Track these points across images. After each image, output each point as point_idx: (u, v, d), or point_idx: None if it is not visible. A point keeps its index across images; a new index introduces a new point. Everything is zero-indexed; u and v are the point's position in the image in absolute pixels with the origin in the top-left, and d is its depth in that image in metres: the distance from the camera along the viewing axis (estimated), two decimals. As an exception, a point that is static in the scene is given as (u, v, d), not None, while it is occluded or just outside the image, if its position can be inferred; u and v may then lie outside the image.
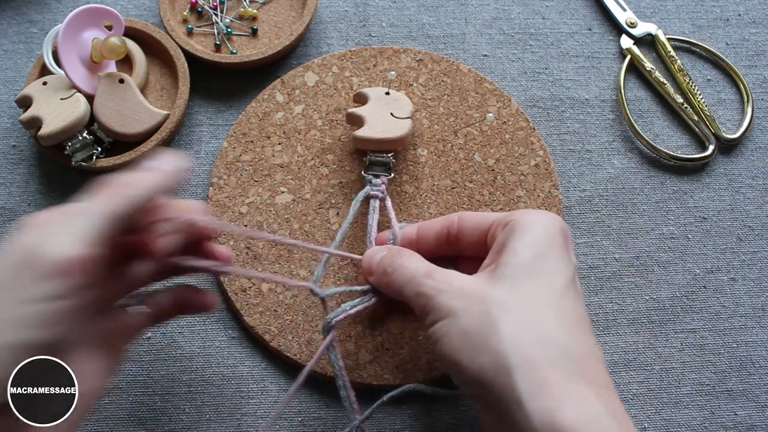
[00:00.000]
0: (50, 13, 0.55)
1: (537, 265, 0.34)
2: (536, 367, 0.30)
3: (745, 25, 0.56)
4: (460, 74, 0.52)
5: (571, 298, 0.34)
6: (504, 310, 0.32)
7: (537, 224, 0.36)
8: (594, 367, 0.32)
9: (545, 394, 0.29)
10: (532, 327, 0.32)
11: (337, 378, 0.41)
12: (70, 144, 0.47)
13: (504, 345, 0.31)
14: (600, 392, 0.31)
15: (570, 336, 0.32)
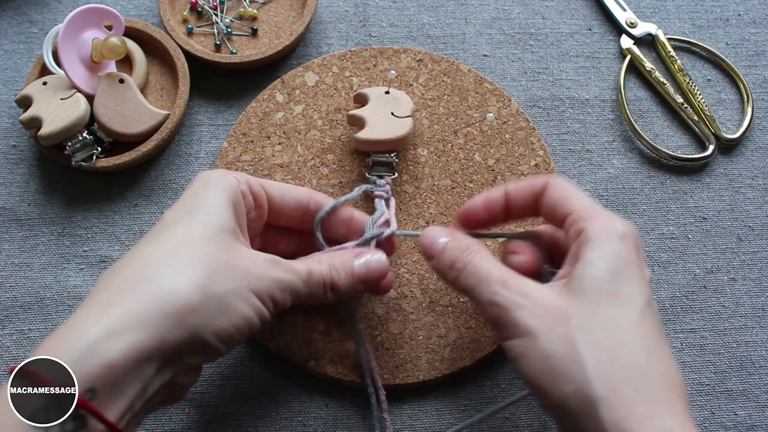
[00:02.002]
0: (50, 13, 0.55)
1: (615, 283, 0.33)
2: (622, 399, 0.30)
3: (745, 25, 0.56)
4: (460, 74, 0.52)
5: (650, 319, 0.33)
6: (587, 335, 0.32)
7: (612, 235, 0.34)
8: (676, 394, 0.31)
9: (632, 428, 0.29)
10: (616, 355, 0.31)
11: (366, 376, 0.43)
12: (70, 144, 0.47)
13: (589, 375, 0.30)
14: (683, 420, 0.30)
15: (653, 363, 0.31)
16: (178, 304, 0.31)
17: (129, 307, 0.30)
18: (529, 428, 0.44)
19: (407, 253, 0.47)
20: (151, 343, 0.30)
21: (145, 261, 0.33)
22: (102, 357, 0.29)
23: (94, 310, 0.31)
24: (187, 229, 0.34)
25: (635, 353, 0.31)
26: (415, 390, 0.45)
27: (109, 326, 0.29)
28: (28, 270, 0.48)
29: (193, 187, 0.37)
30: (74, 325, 0.30)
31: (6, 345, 0.46)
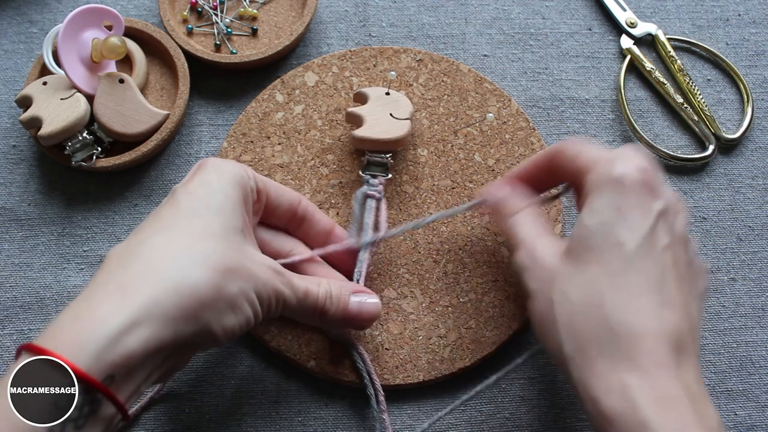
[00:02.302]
0: (50, 13, 0.55)
1: (602, 236, 0.34)
2: (586, 357, 0.32)
3: (745, 25, 0.56)
4: (460, 74, 0.52)
5: (637, 266, 0.33)
6: (562, 296, 0.34)
7: (605, 183, 0.35)
8: (647, 346, 0.31)
9: (592, 386, 0.31)
10: (586, 315, 0.33)
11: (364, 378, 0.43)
12: (70, 144, 0.47)
13: (561, 336, 0.33)
14: (646, 376, 0.31)
15: (624, 316, 0.32)
16: (196, 299, 0.32)
17: (150, 296, 0.31)
18: (529, 428, 0.44)
19: (407, 253, 0.47)
20: (167, 336, 0.31)
21: (164, 249, 0.33)
22: (123, 348, 0.29)
23: (114, 295, 0.31)
24: (205, 225, 0.35)
25: (606, 308, 0.32)
26: (415, 390, 0.45)
27: (131, 316, 0.30)
28: (28, 270, 0.48)
29: (209, 175, 0.37)
30: (94, 309, 0.31)
31: (6, 345, 0.46)
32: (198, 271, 0.33)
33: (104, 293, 0.31)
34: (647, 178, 0.35)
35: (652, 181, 0.35)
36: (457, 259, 0.47)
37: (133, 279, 0.32)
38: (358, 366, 0.43)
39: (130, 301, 0.31)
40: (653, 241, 0.34)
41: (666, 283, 0.33)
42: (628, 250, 0.33)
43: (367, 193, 0.45)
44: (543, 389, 0.45)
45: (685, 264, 0.35)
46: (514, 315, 0.45)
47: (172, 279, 0.32)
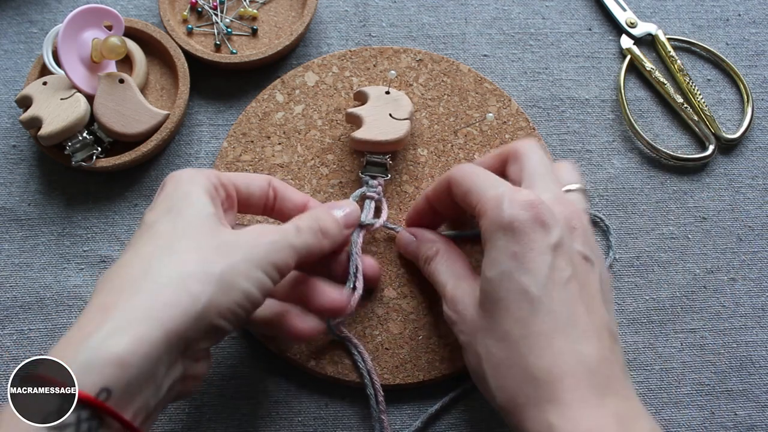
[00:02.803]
0: (50, 13, 0.55)
1: (505, 286, 0.34)
2: (515, 406, 0.33)
3: (745, 25, 0.56)
4: (460, 74, 0.52)
5: (545, 307, 0.33)
6: (487, 351, 0.35)
7: (497, 232, 0.35)
8: (567, 384, 0.32)
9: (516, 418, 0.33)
10: (509, 367, 0.34)
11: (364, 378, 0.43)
12: (70, 144, 0.47)
13: (491, 389, 0.35)
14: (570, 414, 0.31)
15: (541, 360, 0.32)
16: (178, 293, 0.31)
17: (130, 304, 0.30)
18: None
19: (407, 253, 0.47)
20: (156, 333, 0.30)
21: (139, 259, 0.33)
22: (109, 354, 0.28)
23: (96, 314, 0.31)
24: (173, 224, 0.34)
25: (525, 358, 0.33)
26: (415, 390, 0.45)
27: (113, 325, 0.29)
28: (28, 270, 0.48)
29: (167, 190, 0.37)
30: (78, 330, 0.30)
31: (6, 345, 0.46)
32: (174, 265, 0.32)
33: (88, 317, 0.31)
34: (535, 214, 0.34)
35: (542, 216, 0.34)
36: (457, 259, 0.47)
37: (114, 295, 0.31)
38: (358, 365, 0.43)
39: (112, 314, 0.30)
40: (555, 278, 0.34)
41: (576, 316, 0.33)
42: (533, 296, 0.33)
43: (365, 195, 0.46)
44: (543, 389, 0.45)
45: (594, 281, 0.35)
46: (514, 315, 0.45)
47: (149, 281, 0.31)
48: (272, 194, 0.42)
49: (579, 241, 0.36)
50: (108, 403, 0.28)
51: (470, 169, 0.39)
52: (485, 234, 0.36)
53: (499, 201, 0.35)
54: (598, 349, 0.33)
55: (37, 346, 0.46)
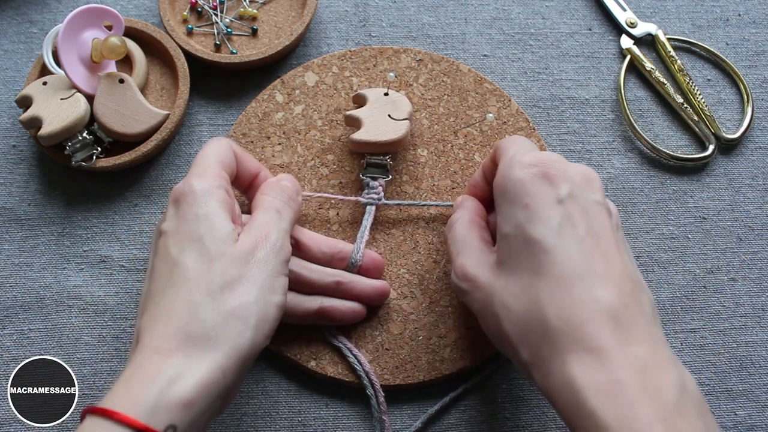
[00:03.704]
0: (50, 13, 0.55)
1: (521, 239, 0.34)
2: (541, 359, 0.33)
3: (745, 25, 0.56)
4: (460, 74, 0.52)
5: (562, 255, 0.33)
6: (505, 310, 0.35)
7: (507, 185, 0.36)
8: (587, 333, 0.32)
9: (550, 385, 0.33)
10: (530, 319, 0.33)
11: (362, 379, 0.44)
12: (70, 144, 0.47)
13: (516, 346, 0.34)
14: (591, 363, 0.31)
15: (561, 311, 0.32)
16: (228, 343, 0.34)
17: (186, 351, 0.33)
18: (529, 428, 0.44)
19: (407, 253, 0.47)
20: (216, 375, 0.32)
21: (181, 301, 0.34)
22: (176, 397, 0.31)
23: (154, 356, 0.33)
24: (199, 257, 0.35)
25: (545, 310, 0.33)
26: (415, 390, 0.45)
27: (175, 370, 0.32)
28: (28, 270, 0.48)
29: (183, 210, 0.37)
30: (138, 371, 0.32)
31: (6, 345, 0.46)
32: (213, 312, 0.34)
33: (144, 358, 0.33)
34: (543, 169, 0.35)
35: (550, 170, 0.35)
36: (457, 259, 0.47)
37: (166, 340, 0.33)
38: (355, 368, 0.44)
39: (171, 360, 0.32)
40: (569, 228, 0.34)
41: (593, 264, 0.33)
42: (547, 245, 0.33)
43: (364, 202, 0.46)
44: (543, 389, 0.45)
45: (608, 230, 0.35)
46: (514, 315, 0.45)
47: (194, 332, 0.33)
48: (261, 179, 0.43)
49: (596, 192, 0.36)
50: None
51: (512, 138, 0.40)
52: (497, 193, 0.37)
53: (511, 159, 0.36)
54: (618, 295, 0.33)
55: (37, 346, 0.46)
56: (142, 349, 0.33)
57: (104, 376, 0.45)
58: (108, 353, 0.46)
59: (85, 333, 0.46)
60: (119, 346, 0.46)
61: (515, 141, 0.40)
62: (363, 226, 0.46)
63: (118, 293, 0.47)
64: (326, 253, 0.44)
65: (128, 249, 0.48)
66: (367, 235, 0.46)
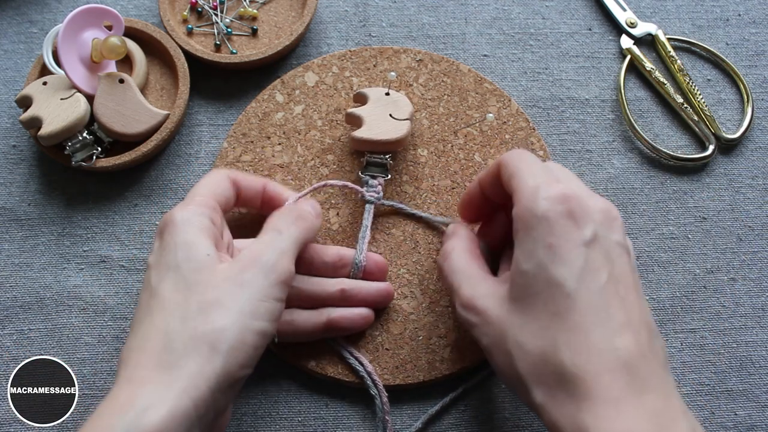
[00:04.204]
0: (50, 13, 0.55)
1: (542, 279, 0.33)
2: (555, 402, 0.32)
3: (745, 25, 0.56)
4: (460, 74, 0.52)
5: (582, 301, 0.33)
6: (521, 350, 0.34)
7: (532, 221, 0.34)
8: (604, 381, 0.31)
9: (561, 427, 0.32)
10: (545, 362, 0.33)
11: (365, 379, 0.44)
12: (70, 144, 0.47)
13: (529, 386, 0.34)
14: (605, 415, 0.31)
15: (579, 357, 0.32)
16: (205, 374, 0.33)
17: (157, 380, 0.32)
18: (529, 428, 0.44)
19: (407, 253, 0.47)
20: (186, 403, 0.32)
21: (155, 331, 0.34)
22: (146, 427, 0.30)
23: (126, 387, 0.32)
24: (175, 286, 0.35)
25: (563, 353, 0.32)
26: (415, 390, 0.45)
27: (145, 401, 0.31)
28: (28, 270, 0.48)
29: (164, 240, 0.37)
30: (111, 402, 0.32)
31: (6, 345, 0.46)
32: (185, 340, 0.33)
33: (119, 390, 0.33)
34: (570, 207, 0.34)
35: (576, 209, 0.34)
36: (457, 259, 0.47)
37: (140, 371, 0.33)
38: (357, 369, 0.44)
39: (142, 390, 0.32)
40: (592, 273, 0.33)
41: (612, 311, 0.33)
42: (569, 289, 0.33)
43: (365, 199, 0.46)
44: (543, 389, 0.45)
45: (630, 273, 0.35)
46: (514, 315, 0.45)
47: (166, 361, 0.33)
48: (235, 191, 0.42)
49: (618, 232, 0.35)
50: None
51: (519, 154, 0.38)
52: (518, 224, 0.35)
53: (535, 192, 0.35)
54: (635, 344, 0.32)
55: (37, 346, 0.46)
56: (118, 380, 0.33)
57: (104, 376, 0.45)
58: (108, 353, 0.46)
59: (85, 333, 0.46)
60: (119, 346, 0.46)
61: (524, 159, 0.38)
62: (364, 226, 0.46)
63: (118, 293, 0.47)
64: (328, 263, 0.44)
65: (128, 249, 0.48)
66: (368, 235, 0.45)
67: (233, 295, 0.35)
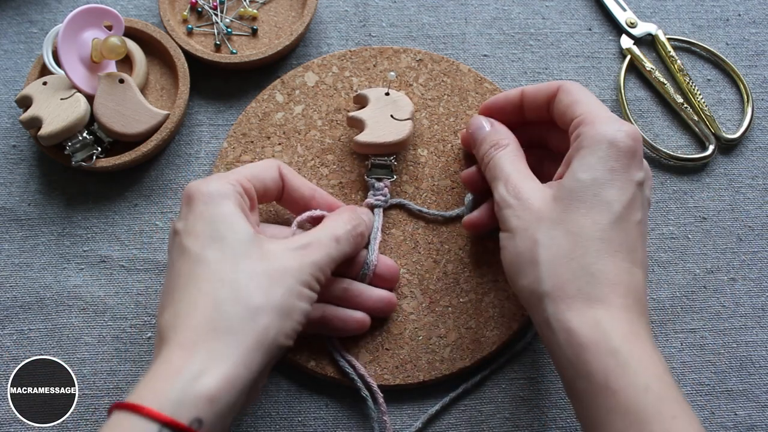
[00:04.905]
0: (50, 13, 0.55)
1: (593, 191, 0.36)
2: (564, 295, 0.35)
3: (745, 25, 0.56)
4: (460, 74, 0.52)
5: (623, 226, 0.36)
6: (550, 239, 0.36)
7: (602, 143, 0.36)
8: (619, 292, 0.35)
9: (568, 318, 0.34)
10: (570, 259, 0.35)
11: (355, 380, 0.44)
12: (70, 144, 0.47)
13: (541, 273, 0.36)
14: (617, 315, 0.34)
15: (605, 267, 0.35)
16: (250, 334, 0.34)
17: (211, 344, 0.33)
18: (529, 428, 0.44)
19: (407, 253, 0.47)
20: (240, 370, 0.33)
21: (205, 297, 0.35)
22: (200, 392, 0.31)
23: (179, 352, 0.33)
24: (222, 254, 0.36)
25: (589, 256, 0.35)
26: (415, 390, 0.45)
27: (199, 366, 0.32)
28: (28, 270, 0.48)
29: (199, 210, 0.37)
30: (163, 367, 0.33)
31: (6, 345, 0.46)
32: (238, 307, 0.34)
33: (170, 354, 0.33)
34: (637, 146, 0.37)
35: (639, 151, 0.37)
36: (457, 259, 0.47)
37: (192, 333, 0.33)
38: (347, 371, 0.44)
39: (195, 355, 0.33)
40: (633, 207, 0.36)
41: (637, 245, 0.36)
42: (615, 210, 0.36)
43: (372, 204, 0.46)
44: (543, 389, 0.45)
45: (647, 224, 0.39)
46: (514, 315, 0.45)
47: (219, 327, 0.33)
48: (281, 183, 0.43)
49: (651, 189, 0.39)
50: (200, 431, 0.31)
51: (579, 86, 0.41)
52: (587, 140, 0.37)
53: (610, 121, 0.37)
54: (643, 278, 0.36)
55: (37, 346, 0.46)
56: (166, 344, 0.33)
57: (104, 376, 0.45)
58: (108, 353, 0.46)
59: (85, 333, 0.46)
60: (119, 346, 0.46)
61: (587, 92, 0.40)
62: (375, 228, 0.45)
63: (118, 293, 0.47)
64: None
65: (128, 249, 0.48)
66: (379, 236, 0.45)
67: (282, 275, 0.36)
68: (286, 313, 0.35)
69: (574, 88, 0.40)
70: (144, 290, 0.47)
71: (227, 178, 0.39)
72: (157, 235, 0.49)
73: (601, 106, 0.39)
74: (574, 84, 0.41)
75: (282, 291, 0.35)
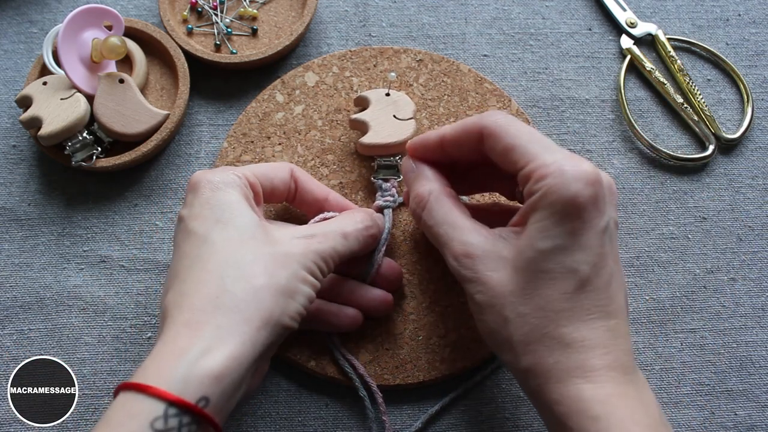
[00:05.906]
0: (50, 13, 0.55)
1: (555, 260, 0.34)
2: (543, 369, 0.34)
3: (745, 25, 0.56)
4: (460, 74, 0.52)
5: (590, 286, 0.34)
6: (519, 317, 0.35)
7: (558, 203, 0.33)
8: (598, 353, 0.33)
9: (549, 390, 0.34)
10: (542, 334, 0.34)
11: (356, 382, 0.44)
12: (70, 144, 0.47)
13: (517, 350, 0.35)
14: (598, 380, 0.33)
15: (578, 333, 0.34)
16: (255, 312, 0.34)
17: (216, 322, 0.33)
18: (529, 428, 0.44)
19: (407, 254, 0.47)
20: (245, 348, 0.33)
21: (210, 276, 0.35)
22: (207, 370, 0.31)
23: (184, 330, 0.33)
24: (227, 235, 0.36)
25: (561, 327, 0.34)
26: (415, 390, 0.45)
27: (205, 343, 0.32)
28: (28, 270, 0.48)
29: (205, 196, 0.37)
30: (169, 345, 0.33)
31: (6, 345, 0.46)
32: (243, 285, 0.34)
33: (175, 333, 0.33)
34: (596, 191, 0.34)
35: (600, 194, 0.34)
36: (457, 259, 0.47)
37: (197, 313, 0.33)
38: (346, 370, 0.44)
39: (201, 333, 0.33)
40: (603, 259, 0.34)
41: (614, 294, 0.35)
42: (583, 275, 0.34)
43: (382, 206, 0.46)
44: (543, 389, 0.45)
45: (617, 252, 0.36)
46: (514, 315, 0.45)
47: (227, 301, 0.34)
48: (293, 185, 0.43)
49: (615, 207, 0.36)
50: (207, 409, 0.31)
51: (510, 122, 0.37)
52: (541, 201, 0.34)
53: (562, 171, 0.34)
54: (623, 324, 0.35)
55: (37, 346, 0.46)
56: (171, 323, 0.33)
57: (104, 376, 0.45)
58: (108, 353, 0.46)
59: (85, 333, 0.46)
60: (119, 346, 0.46)
61: (518, 127, 0.36)
62: (386, 229, 0.45)
63: (118, 293, 0.47)
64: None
65: (128, 249, 0.48)
66: (388, 237, 0.45)
67: (288, 259, 0.36)
68: (290, 295, 0.35)
69: (500, 129, 0.36)
70: (144, 290, 0.47)
71: (233, 170, 0.39)
72: (157, 235, 0.49)
73: (540, 141, 0.35)
74: (497, 123, 0.36)
75: (286, 274, 0.35)
